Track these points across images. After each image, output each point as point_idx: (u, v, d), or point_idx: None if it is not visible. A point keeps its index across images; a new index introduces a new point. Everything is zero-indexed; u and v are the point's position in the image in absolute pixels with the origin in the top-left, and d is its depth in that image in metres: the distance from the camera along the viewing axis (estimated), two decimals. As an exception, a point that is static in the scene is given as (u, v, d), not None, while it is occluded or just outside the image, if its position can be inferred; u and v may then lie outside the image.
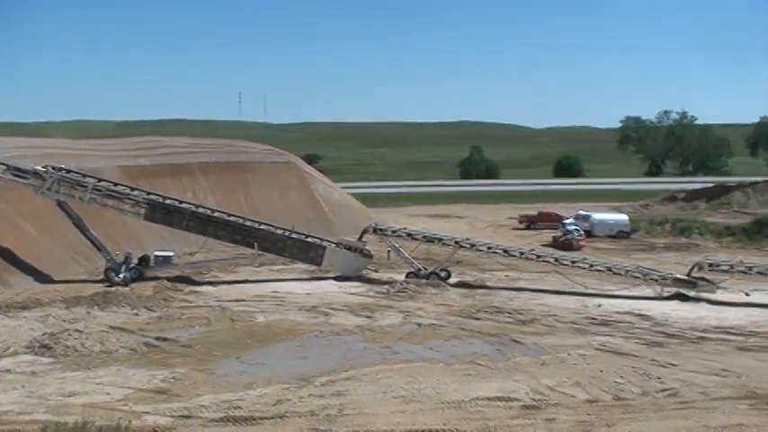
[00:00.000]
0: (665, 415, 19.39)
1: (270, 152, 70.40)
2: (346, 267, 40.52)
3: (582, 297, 36.87)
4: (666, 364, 24.50)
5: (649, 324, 31.44)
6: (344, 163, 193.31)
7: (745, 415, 19.32)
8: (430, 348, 26.48)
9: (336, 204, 67.31)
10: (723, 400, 20.68)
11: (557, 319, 31.90)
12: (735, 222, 68.00)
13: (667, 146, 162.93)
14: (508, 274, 42.61)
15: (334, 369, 23.34)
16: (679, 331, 30.11)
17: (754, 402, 20.45)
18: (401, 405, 19.89)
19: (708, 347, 27.52)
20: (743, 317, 33.62)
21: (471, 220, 75.55)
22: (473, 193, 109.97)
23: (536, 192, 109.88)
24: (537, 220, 69.88)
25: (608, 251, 55.28)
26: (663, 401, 20.61)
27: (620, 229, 64.19)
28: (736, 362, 25.21)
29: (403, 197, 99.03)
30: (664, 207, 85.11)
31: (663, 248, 57.73)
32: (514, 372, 23.33)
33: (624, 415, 19.25)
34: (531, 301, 35.91)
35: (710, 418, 19.07)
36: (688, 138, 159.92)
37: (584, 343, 27.33)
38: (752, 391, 21.52)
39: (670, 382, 22.31)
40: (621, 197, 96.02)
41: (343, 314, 31.82)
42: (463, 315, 32.18)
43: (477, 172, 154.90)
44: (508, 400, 20.39)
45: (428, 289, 37.33)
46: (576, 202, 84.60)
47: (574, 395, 20.94)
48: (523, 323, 30.98)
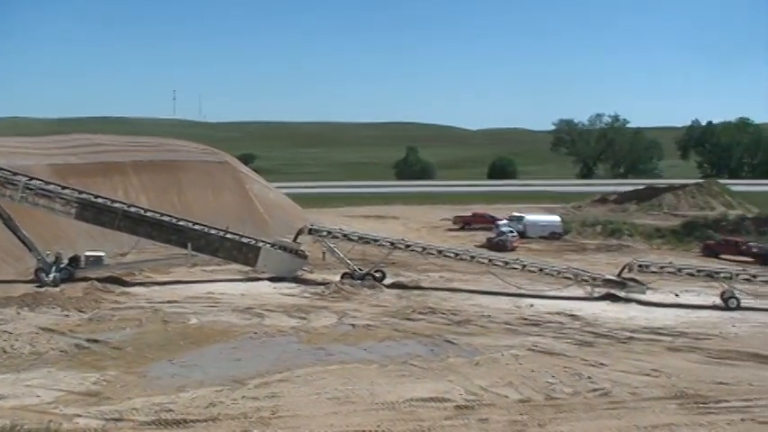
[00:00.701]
0: (597, 415, 19.67)
1: (204, 151, 69.55)
2: (281, 268, 40.25)
3: (515, 298, 37.23)
4: (597, 363, 24.90)
5: (580, 324, 31.91)
6: (279, 163, 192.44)
7: (675, 414, 19.71)
8: (364, 349, 26.48)
9: (271, 205, 66.80)
10: (653, 400, 21.05)
11: (490, 319, 32.16)
12: (665, 224, 69.47)
13: (599, 148, 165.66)
14: (443, 275, 42.80)
15: (267, 371, 23.18)
16: (609, 331, 30.62)
17: (684, 402, 20.87)
18: (335, 406, 19.84)
19: (638, 347, 28.03)
20: (672, 317, 34.35)
21: (406, 220, 75.73)
22: (408, 193, 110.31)
23: (470, 193, 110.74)
24: (471, 221, 70.36)
25: (541, 252, 55.95)
26: (594, 401, 20.92)
27: (552, 230, 65.03)
28: (665, 362, 25.72)
29: (338, 198, 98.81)
30: (595, 209, 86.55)
31: (594, 250, 58.64)
32: (448, 372, 23.45)
33: (556, 415, 19.49)
34: (464, 301, 36.13)
35: (641, 417, 19.40)
36: (620, 140, 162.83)
37: (517, 343, 27.61)
38: (681, 390, 21.95)
39: (601, 382, 22.67)
40: (554, 199, 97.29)
41: (278, 315, 31.59)
42: (398, 316, 32.22)
43: (413, 173, 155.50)
44: (442, 400, 20.49)
45: (363, 290, 37.33)
46: (509, 204, 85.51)
47: (506, 395, 21.14)
48: (457, 324, 31.14)
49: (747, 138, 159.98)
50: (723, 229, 64.31)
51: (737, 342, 29.82)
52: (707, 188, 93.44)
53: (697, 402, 20.77)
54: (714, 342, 29.61)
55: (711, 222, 66.81)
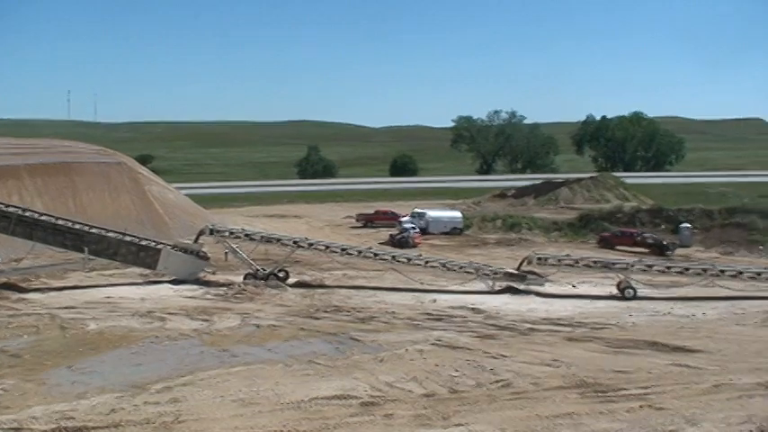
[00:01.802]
0: (499, 406, 19.90)
1: (99, 153, 67.67)
2: (182, 270, 39.54)
3: (418, 293, 37.56)
4: (499, 355, 25.21)
5: (482, 317, 32.37)
6: (180, 163, 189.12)
7: (576, 403, 20.08)
8: (269, 350, 26.20)
9: (171, 206, 65.51)
10: (554, 390, 21.36)
11: (394, 315, 32.31)
12: (562, 217, 71.18)
13: (498, 144, 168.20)
14: (346, 273, 42.82)
15: (170, 375, 22.66)
16: (511, 323, 31.14)
17: (584, 391, 21.26)
18: (239, 408, 19.54)
19: (538, 338, 28.57)
20: (571, 308, 35.19)
21: (309, 219, 75.55)
22: (311, 192, 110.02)
23: (373, 190, 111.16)
24: (374, 218, 70.68)
25: (443, 248, 56.60)
26: (496, 392, 21.15)
27: (453, 225, 65.88)
28: (565, 352, 26.25)
29: (240, 197, 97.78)
30: (495, 204, 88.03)
31: (494, 244, 59.66)
32: (353, 370, 23.40)
33: (460, 407, 19.64)
34: (369, 298, 36.21)
35: (542, 407, 19.70)
36: (517, 136, 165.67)
37: (421, 338, 27.76)
38: (581, 380, 22.36)
39: (503, 374, 22.94)
40: (455, 195, 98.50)
41: (180, 318, 30.97)
42: (302, 315, 32.05)
43: (315, 171, 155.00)
44: (347, 398, 20.39)
45: (267, 290, 37.00)
46: (411, 200, 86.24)
47: (411, 390, 21.20)
48: (362, 321, 31.16)
49: (641, 132, 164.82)
50: (618, 220, 66.31)
51: (634, 331, 30.70)
52: (602, 181, 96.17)
53: (597, 391, 21.18)
54: (612, 331, 30.43)
55: (607, 215, 68.76)
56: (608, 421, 18.23)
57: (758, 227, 59.82)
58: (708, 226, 62.54)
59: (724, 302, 36.99)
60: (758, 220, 61.05)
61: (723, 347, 27.74)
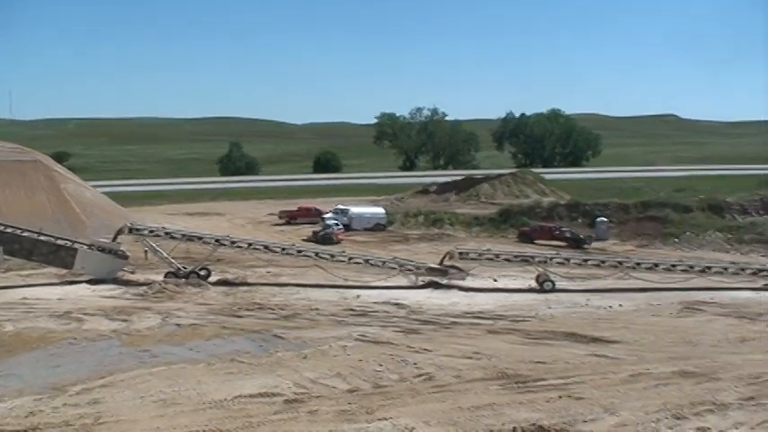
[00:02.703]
0: (422, 399, 20.09)
1: (14, 150, 65.80)
2: (100, 270, 38.79)
3: (342, 290, 37.63)
4: (422, 349, 25.46)
5: (405, 312, 32.64)
6: (98, 161, 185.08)
7: (497, 394, 20.38)
8: (190, 349, 25.97)
9: (89, 204, 63.99)
10: (476, 382, 21.67)
11: (318, 312, 32.36)
12: (483, 213, 71.88)
13: (420, 141, 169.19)
14: (270, 270, 42.59)
15: (89, 377, 22.27)
16: (433, 318, 31.48)
17: (505, 382, 21.59)
18: (161, 409, 19.29)
19: (460, 332, 28.92)
20: (492, 301, 35.72)
21: (231, 216, 74.75)
22: (233, 189, 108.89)
23: (296, 187, 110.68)
24: (297, 215, 70.28)
25: (366, 244, 56.70)
26: (419, 386, 21.36)
27: (377, 221, 66.04)
28: (486, 344, 26.65)
29: (161, 195, 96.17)
30: (417, 200, 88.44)
31: (417, 239, 60.01)
32: (277, 367, 23.34)
33: (383, 402, 19.75)
34: (292, 295, 36.14)
35: (464, 399, 19.95)
36: (439, 133, 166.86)
37: (345, 334, 27.87)
38: (502, 371, 22.71)
39: (426, 367, 23.17)
40: (378, 191, 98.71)
41: (98, 319, 30.43)
42: (224, 313, 31.83)
43: (237, 168, 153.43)
44: (271, 395, 20.33)
45: (188, 288, 36.59)
46: (335, 197, 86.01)
47: (335, 386, 21.26)
48: (285, 318, 31.12)
49: (559, 128, 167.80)
50: (537, 215, 67.29)
51: (553, 322, 31.34)
52: (521, 177, 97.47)
53: (517, 382, 21.54)
54: (531, 323, 31.01)
55: (526, 210, 69.66)
56: (528, 411, 18.56)
57: (672, 220, 61.44)
58: (623, 220, 63.96)
59: (640, 294, 37.99)
60: (672, 213, 62.70)
61: (639, 338, 28.53)
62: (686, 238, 58.33)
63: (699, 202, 66.20)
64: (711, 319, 33.13)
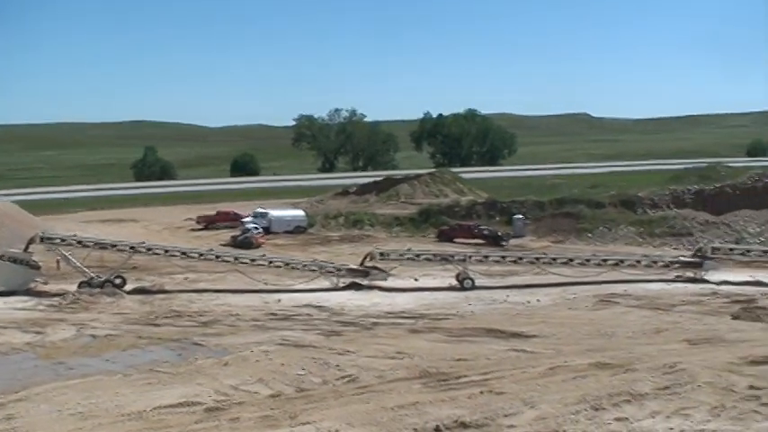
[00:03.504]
0: (346, 401, 20.02)
1: None
2: (11, 281, 37.69)
3: (263, 294, 37.43)
4: (344, 351, 25.41)
5: (327, 315, 32.61)
6: (6, 168, 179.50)
7: (419, 393, 20.44)
8: (107, 360, 25.42)
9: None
10: (398, 382, 21.68)
11: (238, 317, 32.06)
12: (403, 213, 72.24)
13: (339, 142, 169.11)
14: (188, 277, 42.01)
15: (3, 391, 21.53)
16: (355, 319, 31.52)
17: (427, 381, 21.66)
18: (78, 422, 18.77)
19: (382, 332, 28.99)
20: (413, 301, 35.94)
21: (147, 223, 73.34)
22: (148, 195, 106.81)
23: (214, 191, 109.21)
24: (215, 219, 69.43)
25: (286, 247, 56.42)
26: (342, 388, 21.31)
27: (297, 224, 65.71)
28: (408, 344, 26.75)
29: (74, 203, 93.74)
30: (337, 201, 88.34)
31: (338, 241, 59.98)
32: (197, 375, 22.97)
33: (307, 405, 19.63)
34: (211, 302, 35.72)
35: (387, 399, 19.95)
36: (358, 134, 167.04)
37: (266, 339, 27.67)
38: (424, 370, 22.79)
39: (348, 369, 23.13)
40: (298, 193, 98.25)
41: (10, 332, 29.54)
42: (141, 322, 31.27)
43: (152, 173, 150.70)
44: (191, 404, 19.98)
45: (103, 298, 35.80)
46: (253, 200, 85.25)
47: (257, 392, 21.04)
48: (204, 325, 30.75)
49: (475, 128, 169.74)
50: (456, 214, 67.94)
51: (474, 319, 31.67)
52: (440, 177, 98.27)
53: (439, 380, 21.64)
54: (452, 321, 31.29)
55: (445, 209, 70.27)
56: (450, 408, 18.66)
57: (586, 216, 62.74)
58: (539, 216, 65.03)
59: (556, 288, 38.71)
60: (586, 209, 64.04)
61: (557, 331, 29.03)
62: (600, 233, 59.72)
63: (611, 198, 67.76)
64: (626, 311, 33.95)
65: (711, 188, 66.83)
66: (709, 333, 28.59)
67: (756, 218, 60.69)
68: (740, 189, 65.11)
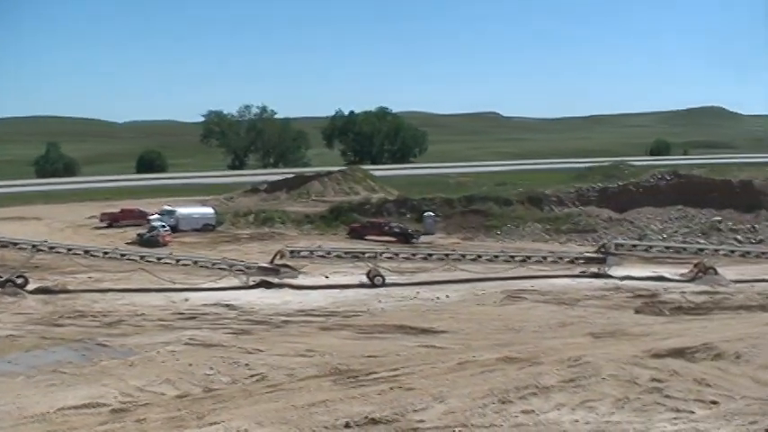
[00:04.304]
0: (255, 400, 19.87)
1: None
2: None
3: (170, 293, 36.80)
4: (254, 350, 25.27)
5: (236, 313, 32.32)
6: None
7: (330, 391, 20.42)
8: (8, 362, 24.63)
9: None
10: (309, 379, 21.65)
11: (144, 317, 31.51)
12: (313, 210, 71.99)
13: (249, 139, 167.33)
14: (92, 276, 41.03)
15: None
16: (265, 317, 31.33)
17: (337, 378, 21.69)
18: (-23, 426, 18.18)
19: (293, 330, 28.93)
20: (324, 298, 35.91)
21: (50, 220, 71.14)
22: (51, 192, 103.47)
23: (119, 188, 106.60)
24: (120, 217, 67.82)
25: (195, 245, 55.62)
26: (252, 387, 21.15)
27: (205, 222, 64.83)
28: (319, 341, 26.75)
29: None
30: (247, 199, 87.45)
31: (248, 239, 59.43)
32: (102, 376, 22.49)
33: (215, 405, 19.41)
34: (116, 301, 35.00)
35: (297, 397, 19.88)
36: (269, 131, 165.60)
37: (173, 339, 27.25)
38: (335, 367, 22.84)
39: (258, 368, 22.99)
40: (207, 191, 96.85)
41: None
42: (44, 323, 30.43)
43: (55, 170, 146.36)
44: (96, 406, 19.55)
45: (3, 298, 34.68)
46: (160, 198, 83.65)
47: (164, 392, 20.72)
48: (109, 325, 30.13)
49: (387, 126, 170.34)
50: (367, 212, 68.07)
51: (384, 316, 31.85)
52: (351, 174, 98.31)
53: (350, 377, 21.69)
54: (363, 318, 31.41)
55: (356, 206, 70.36)
56: (360, 405, 18.70)
57: (495, 213, 63.75)
58: (449, 214, 65.72)
59: (465, 285, 39.22)
60: (495, 206, 65.04)
61: (466, 327, 29.44)
62: (508, 230, 60.80)
63: (519, 196, 68.90)
64: (533, 306, 34.66)
65: (615, 186, 68.50)
66: (613, 327, 29.42)
67: (658, 215, 62.84)
68: (643, 187, 66.90)
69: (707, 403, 18.63)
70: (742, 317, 32.72)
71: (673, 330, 28.63)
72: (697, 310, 34.34)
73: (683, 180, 67.41)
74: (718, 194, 64.36)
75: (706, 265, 42.67)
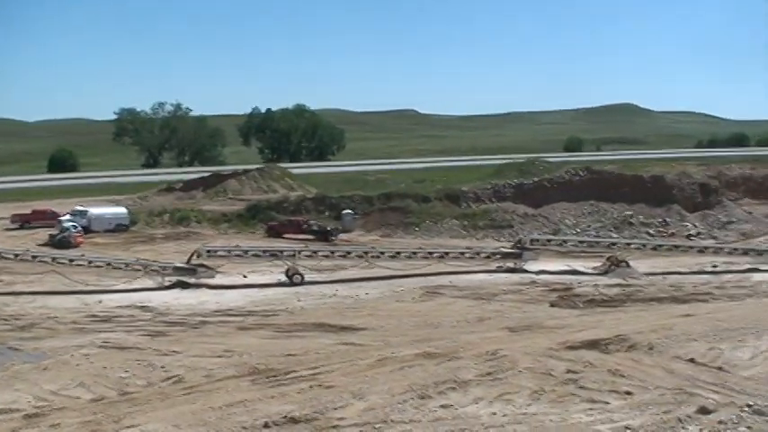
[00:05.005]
0: (172, 402, 19.58)
1: None
2: None
3: (83, 295, 36.06)
4: (170, 352, 24.89)
5: (152, 315, 31.83)
6: None
7: (248, 391, 20.26)
8: None
9: None
10: (227, 380, 21.43)
11: (57, 320, 30.81)
12: (231, 209, 71.34)
13: (164, 137, 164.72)
14: (2, 279, 39.88)
15: None
16: (182, 318, 30.94)
17: (256, 378, 21.53)
18: None
19: (210, 330, 28.62)
20: (242, 298, 35.62)
21: (-43, 223, 68.89)
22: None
23: (30, 189, 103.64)
24: (32, 218, 65.98)
25: (108, 246, 54.52)
26: (168, 389, 20.84)
27: (119, 222, 63.55)
28: (237, 341, 26.53)
29: None
30: (163, 198, 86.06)
31: (163, 239, 58.53)
32: (14, 381, 21.85)
33: (131, 408, 19.07)
34: (28, 304, 34.11)
35: (215, 398, 19.66)
36: (183, 129, 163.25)
37: (87, 342, 26.69)
38: (253, 367, 22.66)
39: (175, 370, 22.65)
40: (120, 190, 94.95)
41: None
42: (-50, 328, 29.38)
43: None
44: (8, 411, 19.01)
45: None
46: (73, 198, 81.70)
47: (79, 396, 20.27)
48: (21, 329, 29.33)
49: (305, 123, 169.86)
50: (285, 210, 67.73)
51: (303, 315, 31.78)
52: (268, 172, 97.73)
53: (269, 376, 21.55)
54: (282, 317, 31.29)
55: (274, 204, 69.93)
56: (280, 404, 18.62)
57: (413, 210, 64.19)
58: (368, 211, 65.92)
59: (384, 282, 39.43)
60: (413, 203, 65.48)
61: (385, 323, 29.60)
62: (426, 227, 61.32)
63: (437, 193, 69.47)
64: (451, 301, 35.06)
65: (530, 182, 69.63)
66: (529, 320, 29.96)
67: (572, 210, 64.27)
68: (557, 183, 68.19)
69: (621, 394, 19.13)
70: (654, 308, 33.73)
71: (587, 323, 29.31)
72: (610, 303, 35.29)
73: (595, 176, 68.95)
74: (630, 189, 66.21)
75: (618, 258, 43.88)
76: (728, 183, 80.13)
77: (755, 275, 43.25)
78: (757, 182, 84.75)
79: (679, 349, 23.92)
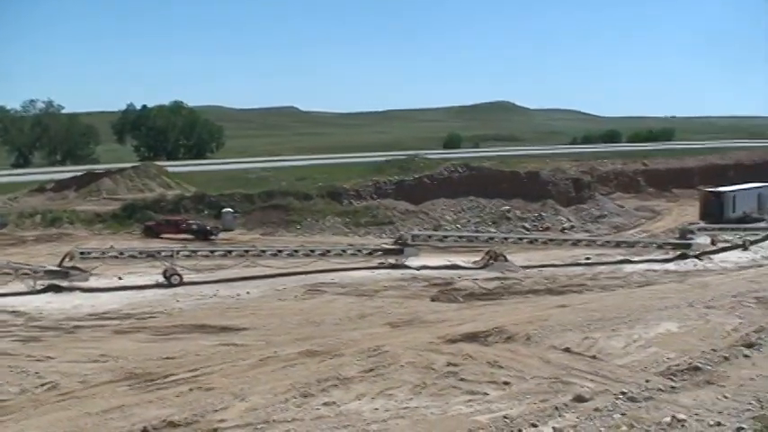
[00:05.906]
0: (46, 410, 19.01)
1: None
2: None
3: (-52, 301, 34.24)
4: (44, 358, 24.10)
5: (24, 320, 30.56)
6: None
7: (125, 396, 19.86)
8: None
9: None
10: (103, 385, 20.95)
11: None
12: (105, 209, 69.28)
13: (34, 136, 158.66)
14: None
15: None
16: (55, 323, 29.86)
17: (134, 382, 21.12)
18: None
19: (85, 335, 27.76)
20: (118, 300, 34.61)
21: None
22: None
23: None
24: None
25: (-23, 250, 52.10)
26: (42, 396, 20.19)
27: (-12, 224, 60.96)
28: (113, 345, 25.86)
29: None
30: (33, 199, 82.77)
31: (34, 241, 56.38)
32: None
33: (3, 417, 18.41)
34: None
35: (91, 404, 19.19)
36: (55, 127, 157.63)
37: (-46, 350, 25.43)
38: (130, 371, 22.20)
39: (49, 376, 21.96)
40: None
41: None
42: None
43: None
44: None
45: None
46: (-65, 200, 77.81)
47: (-54, 406, 19.35)
48: None
49: (182, 120, 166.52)
50: (163, 209, 66.23)
51: (182, 316, 31.21)
52: (144, 171, 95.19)
53: (146, 381, 21.18)
54: (160, 319, 30.63)
55: (151, 204, 68.31)
56: (158, 408, 18.35)
57: (295, 208, 63.91)
58: (249, 209, 65.23)
59: (266, 280, 39.08)
60: (295, 201, 65.19)
61: (267, 323, 29.43)
62: (308, 225, 61.22)
63: (319, 190, 69.34)
64: (333, 299, 35.14)
65: (411, 179, 70.33)
66: (411, 315, 30.37)
67: (452, 206, 65.47)
68: (437, 179, 69.17)
69: (500, 384, 19.66)
70: (531, 301, 34.74)
71: (466, 316, 29.95)
72: (489, 296, 36.14)
73: (474, 172, 70.37)
74: (508, 185, 67.95)
75: (496, 252, 44.92)
76: (601, 178, 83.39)
77: (627, 267, 45.08)
78: (628, 176, 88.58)
79: (555, 339, 24.75)
